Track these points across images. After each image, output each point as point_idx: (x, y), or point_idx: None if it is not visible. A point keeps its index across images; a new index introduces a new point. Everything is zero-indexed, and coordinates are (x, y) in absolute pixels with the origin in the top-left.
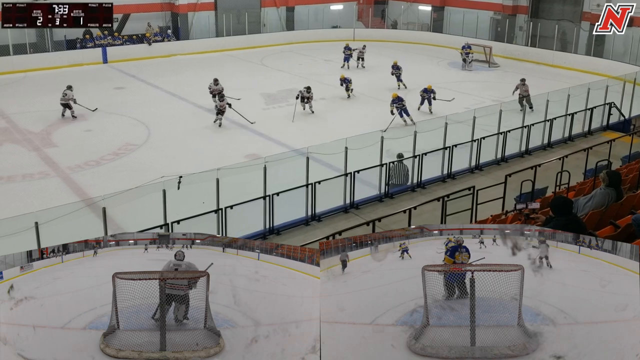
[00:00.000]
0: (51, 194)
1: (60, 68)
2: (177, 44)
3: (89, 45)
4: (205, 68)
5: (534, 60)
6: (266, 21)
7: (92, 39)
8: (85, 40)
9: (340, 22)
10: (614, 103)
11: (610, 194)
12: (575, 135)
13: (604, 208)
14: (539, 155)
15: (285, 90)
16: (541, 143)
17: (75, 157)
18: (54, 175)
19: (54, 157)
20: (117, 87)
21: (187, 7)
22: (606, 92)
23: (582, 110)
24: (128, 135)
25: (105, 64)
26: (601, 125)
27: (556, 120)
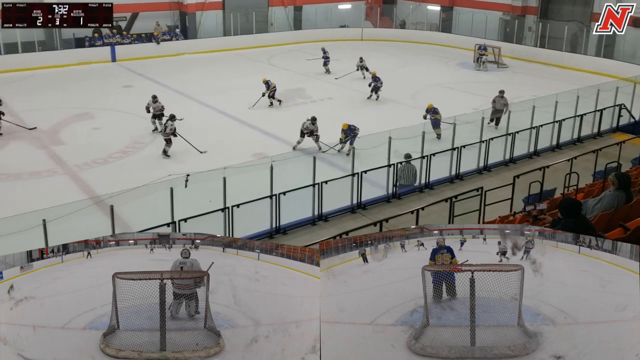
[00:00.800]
0: (59, 191)
1: (68, 66)
2: (185, 43)
3: (98, 44)
4: (213, 67)
5: (543, 61)
6: (274, 20)
7: (100, 38)
8: (94, 39)
9: (348, 22)
10: (624, 105)
11: (620, 196)
12: (584, 136)
13: (613, 210)
14: (547, 157)
15: (293, 90)
16: (550, 144)
17: (83, 154)
18: (62, 172)
19: (61, 155)
20: (125, 86)
21: (195, 6)
22: (616, 94)
23: (592, 112)
24: (136, 133)
25: (113, 62)
26: (611, 126)
27: (565, 121)
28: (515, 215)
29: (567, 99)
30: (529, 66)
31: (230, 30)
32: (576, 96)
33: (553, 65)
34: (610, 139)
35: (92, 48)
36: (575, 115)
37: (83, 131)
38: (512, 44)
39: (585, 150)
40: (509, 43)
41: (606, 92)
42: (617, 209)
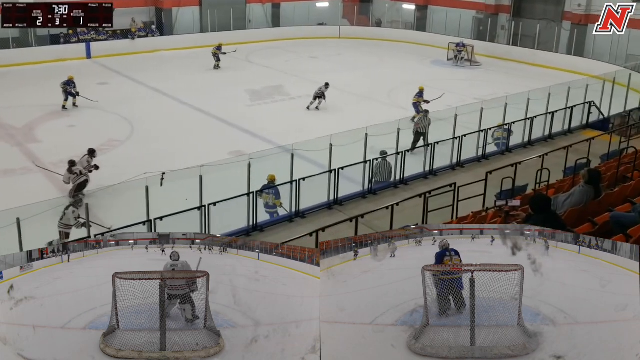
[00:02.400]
0: (33, 190)
1: (43, 63)
2: (161, 39)
3: (73, 41)
4: (190, 64)
5: (516, 59)
6: (252, 17)
7: (75, 34)
8: (69, 36)
9: (325, 20)
10: (593, 102)
11: (589, 191)
12: (555, 133)
13: (583, 205)
14: (519, 153)
15: (271, 87)
16: (522, 141)
17: (58, 152)
18: (37, 171)
19: (36, 153)
20: (101, 83)
21: (172, 2)
22: (586, 91)
23: (563, 109)
24: (111, 131)
25: (89, 59)
26: (581, 123)
27: (537, 118)
28: (487, 211)
29: (539, 97)
30: (501, 64)
31: (207, 26)
32: (548, 94)
33: (525, 63)
34: (580, 136)
35: (67, 45)
36: (547, 112)
37: (58, 129)
38: (485, 42)
39: (556, 147)
40: (482, 41)
41: (577, 89)
42: (587, 204)
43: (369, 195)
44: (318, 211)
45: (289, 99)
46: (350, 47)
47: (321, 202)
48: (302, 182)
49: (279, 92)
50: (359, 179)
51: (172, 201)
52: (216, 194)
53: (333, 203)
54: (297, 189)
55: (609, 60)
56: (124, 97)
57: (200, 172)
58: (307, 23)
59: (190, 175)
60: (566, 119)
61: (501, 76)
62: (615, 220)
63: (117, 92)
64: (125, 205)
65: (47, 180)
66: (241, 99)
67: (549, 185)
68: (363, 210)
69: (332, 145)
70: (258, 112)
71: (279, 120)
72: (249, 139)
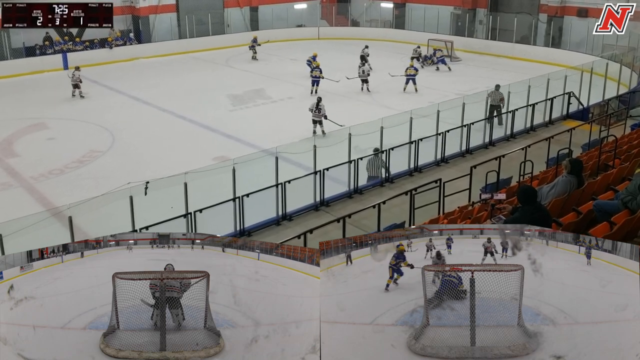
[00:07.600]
0: (15, 204)
1: (19, 76)
2: (139, 47)
3: (49, 52)
4: (169, 71)
5: (495, 53)
6: (230, 22)
7: (51, 46)
8: (45, 47)
9: (304, 21)
10: (572, 92)
11: (572, 181)
12: (536, 125)
13: (567, 195)
14: (502, 146)
15: (252, 91)
16: (504, 134)
17: (39, 166)
18: (17, 185)
19: (16, 167)
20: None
21: (148, 9)
22: (565, 82)
23: (543, 101)
24: (92, 142)
25: (66, 70)
26: (561, 114)
27: (518, 111)
28: (473, 205)
29: (519, 89)
30: (481, 58)
31: (185, 32)
32: (527, 86)
33: (504, 57)
34: (561, 126)
35: (43, 57)
36: (528, 104)
37: (37, 142)
38: (464, 37)
39: (538, 139)
40: (461, 37)
41: (556, 80)
42: (570, 194)
43: (355, 195)
44: (305, 213)
45: (270, 102)
46: (330, 47)
47: (307, 203)
48: (287, 184)
49: (260, 95)
50: (344, 179)
51: (158, 210)
52: (202, 200)
53: (319, 204)
54: (283, 192)
55: (585, 50)
56: (103, 107)
57: (184, 179)
58: (286, 25)
59: (175, 182)
60: (546, 110)
61: (481, 70)
62: (598, 209)
63: (97, 102)
64: (109, 217)
65: (29, 194)
66: (223, 104)
67: (532, 177)
68: (350, 210)
69: (316, 147)
70: (240, 116)
71: (261, 123)
72: (232, 144)
